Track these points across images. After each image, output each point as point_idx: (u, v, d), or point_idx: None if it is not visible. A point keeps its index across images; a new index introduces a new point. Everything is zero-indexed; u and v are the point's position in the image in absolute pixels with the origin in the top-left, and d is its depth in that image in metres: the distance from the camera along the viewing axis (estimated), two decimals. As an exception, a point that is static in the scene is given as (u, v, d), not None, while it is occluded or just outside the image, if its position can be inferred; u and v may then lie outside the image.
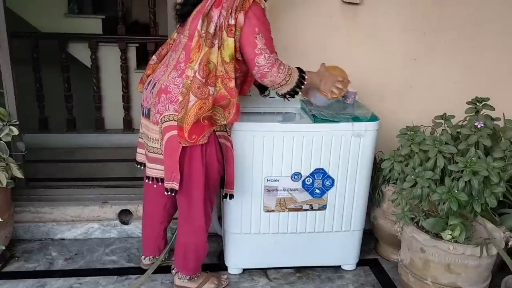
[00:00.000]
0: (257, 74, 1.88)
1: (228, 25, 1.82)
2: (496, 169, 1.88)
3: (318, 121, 2.12)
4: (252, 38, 1.82)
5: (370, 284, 2.32)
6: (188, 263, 2.13)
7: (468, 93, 2.32)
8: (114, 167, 3.22)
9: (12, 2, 3.06)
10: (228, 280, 2.28)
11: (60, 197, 2.64)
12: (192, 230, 2.07)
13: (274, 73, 1.87)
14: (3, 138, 2.26)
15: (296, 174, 2.16)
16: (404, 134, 2.20)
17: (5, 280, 2.22)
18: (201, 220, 2.04)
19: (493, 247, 1.92)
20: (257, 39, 1.82)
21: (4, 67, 2.39)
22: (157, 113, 1.89)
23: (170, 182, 1.91)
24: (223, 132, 1.97)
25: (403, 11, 2.45)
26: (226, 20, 1.81)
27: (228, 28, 1.82)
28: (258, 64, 1.85)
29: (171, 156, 1.89)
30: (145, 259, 2.32)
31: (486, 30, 2.53)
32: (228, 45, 1.83)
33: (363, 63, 2.50)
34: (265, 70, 1.85)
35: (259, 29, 1.83)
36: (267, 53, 1.84)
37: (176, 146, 1.85)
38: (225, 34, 1.83)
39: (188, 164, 1.90)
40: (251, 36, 1.82)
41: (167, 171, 1.93)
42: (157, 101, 1.89)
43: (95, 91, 3.90)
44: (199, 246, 2.11)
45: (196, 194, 1.97)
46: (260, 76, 1.88)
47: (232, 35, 1.82)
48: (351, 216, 2.28)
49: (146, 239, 2.31)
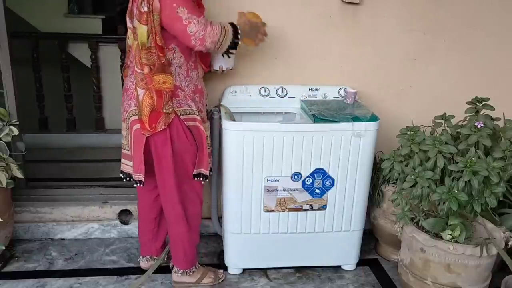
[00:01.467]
0: (196, 43, 1.85)
1: (140, 13, 1.82)
2: (496, 169, 1.88)
3: (318, 121, 2.12)
4: (174, 14, 1.81)
5: (370, 284, 2.32)
6: (178, 255, 2.18)
7: (468, 93, 2.32)
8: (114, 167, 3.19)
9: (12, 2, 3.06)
10: (223, 275, 2.31)
11: (60, 197, 2.65)
12: (172, 220, 2.11)
13: (210, 33, 1.85)
14: (3, 138, 2.26)
15: (296, 174, 2.16)
16: (404, 134, 2.20)
17: (5, 280, 2.22)
18: (177, 208, 2.07)
19: (493, 247, 1.92)
20: (179, 13, 1.80)
21: (4, 67, 2.39)
22: (124, 111, 2.06)
23: (138, 173, 2.02)
24: (189, 115, 1.99)
25: (403, 11, 2.45)
26: (138, 9, 1.82)
27: (140, 15, 1.81)
28: (191, 33, 1.82)
29: (135, 149, 2.00)
30: (142, 260, 2.33)
31: (485, 30, 2.53)
32: (142, 33, 1.83)
33: (363, 63, 2.50)
34: (201, 33, 1.83)
35: (177, 3, 1.80)
36: (194, 19, 1.82)
37: (141, 138, 1.96)
38: (137, 23, 1.84)
39: (155, 153, 1.99)
40: (172, 13, 1.81)
41: (134, 164, 2.04)
42: (123, 100, 2.07)
43: (95, 91, 3.90)
44: (181, 236, 2.12)
45: (169, 182, 2.03)
46: (200, 43, 1.85)
47: (145, 22, 1.81)
48: (351, 216, 2.28)
49: (142, 237, 2.33)
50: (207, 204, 2.59)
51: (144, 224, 2.30)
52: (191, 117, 1.99)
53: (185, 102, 1.97)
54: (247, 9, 2.04)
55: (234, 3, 2.21)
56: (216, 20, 1.91)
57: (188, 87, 1.99)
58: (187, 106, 1.98)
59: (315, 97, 2.38)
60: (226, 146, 2.13)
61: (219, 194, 2.42)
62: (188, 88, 1.99)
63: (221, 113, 2.20)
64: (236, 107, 2.27)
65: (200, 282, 2.22)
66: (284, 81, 2.42)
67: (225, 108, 2.23)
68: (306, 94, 2.39)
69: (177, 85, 1.95)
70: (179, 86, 1.96)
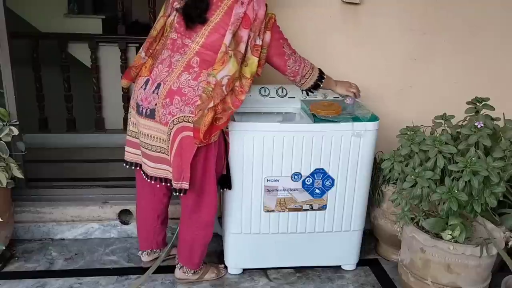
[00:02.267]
0: (290, 75, 2.07)
1: (254, 45, 1.95)
2: (496, 169, 1.87)
3: (318, 121, 2.12)
4: (281, 49, 2.02)
5: (370, 284, 2.32)
6: (194, 258, 2.19)
7: (468, 93, 2.31)
8: (114, 167, 3.20)
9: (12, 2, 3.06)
10: (225, 270, 2.33)
11: (60, 197, 2.65)
12: (202, 225, 2.13)
13: (303, 69, 2.07)
14: (3, 138, 2.26)
15: (296, 174, 2.16)
16: (404, 134, 2.19)
17: (5, 280, 2.22)
18: (212, 214, 2.12)
19: (493, 247, 1.92)
20: (284, 48, 2.03)
21: (4, 67, 2.39)
22: (168, 114, 1.90)
23: (180, 182, 1.95)
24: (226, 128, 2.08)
25: (403, 11, 2.45)
26: (253, 41, 1.95)
27: (254, 47, 1.95)
28: (289, 67, 2.04)
29: (182, 156, 1.92)
30: (142, 255, 2.33)
31: (486, 30, 2.53)
32: (253, 63, 1.96)
33: (363, 63, 2.50)
34: (296, 68, 2.05)
35: (283, 39, 2.03)
36: (293, 55, 2.05)
37: (190, 146, 1.90)
38: (250, 53, 1.95)
39: (203, 162, 1.98)
40: (279, 48, 2.02)
41: (176, 171, 1.94)
42: (169, 102, 1.90)
43: (95, 91, 3.90)
44: (207, 240, 2.18)
45: (209, 189, 2.06)
46: (294, 75, 2.07)
47: (257, 55, 1.96)
48: (351, 216, 2.28)
49: (141, 233, 2.32)
50: (207, 204, 2.60)
51: (145, 222, 2.30)
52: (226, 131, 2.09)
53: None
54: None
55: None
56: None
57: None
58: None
59: (315, 97, 2.38)
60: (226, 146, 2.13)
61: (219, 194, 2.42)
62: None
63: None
64: (236, 107, 2.27)
65: (203, 277, 2.26)
66: (284, 81, 2.42)
67: (225, 108, 2.23)
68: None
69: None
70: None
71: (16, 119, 2.42)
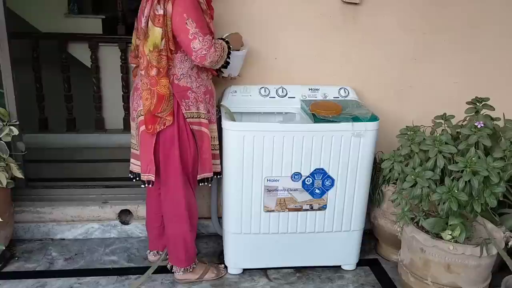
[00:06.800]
0: (196, 59, 1.88)
1: (155, 15, 1.84)
2: (496, 169, 1.88)
3: (318, 121, 2.12)
4: (183, 25, 1.83)
5: (370, 284, 2.32)
6: (179, 254, 2.19)
7: (468, 93, 2.31)
8: (114, 167, 3.21)
9: (12, 2, 3.06)
10: (225, 270, 2.33)
11: (60, 197, 2.65)
12: (174, 219, 2.13)
13: (212, 53, 1.88)
14: (3, 138, 2.26)
15: (296, 174, 2.16)
16: (404, 134, 2.20)
17: (5, 280, 2.22)
18: (181, 208, 2.10)
19: (493, 247, 1.92)
20: (187, 25, 1.83)
21: (4, 67, 2.39)
22: (133, 110, 2.06)
23: (147, 174, 2.02)
24: (195, 118, 2.01)
25: (403, 11, 2.45)
26: (153, 11, 1.84)
27: (155, 17, 1.84)
28: (194, 49, 1.85)
29: (145, 148, 2.00)
30: (149, 254, 2.38)
31: (486, 30, 2.53)
32: (154, 33, 1.85)
33: (363, 63, 2.50)
34: (203, 52, 1.86)
35: (188, 14, 1.83)
36: (200, 36, 1.84)
37: (149, 138, 1.96)
38: (151, 24, 1.86)
39: (162, 151, 2.00)
40: (181, 24, 1.83)
41: (143, 164, 2.03)
42: (132, 99, 2.08)
43: (95, 91, 3.90)
44: (184, 235, 2.15)
45: (174, 181, 2.05)
46: (200, 60, 1.88)
47: (160, 25, 1.83)
48: (351, 216, 2.28)
49: (149, 233, 2.38)
50: (207, 204, 2.60)
51: (151, 221, 2.34)
52: (197, 121, 2.02)
53: (194, 104, 1.99)
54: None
55: (237, 2, 2.21)
56: (217, 39, 1.97)
57: (199, 88, 2.02)
58: (196, 108, 2.00)
59: (315, 97, 2.38)
60: (226, 146, 2.13)
61: (219, 194, 2.42)
62: (199, 90, 2.02)
63: (221, 113, 2.20)
64: (236, 107, 2.27)
65: (203, 277, 2.25)
66: (284, 81, 2.42)
67: (225, 108, 2.23)
68: (306, 94, 2.39)
69: (188, 86, 1.97)
70: (190, 87, 1.98)
71: (16, 119, 2.42)
